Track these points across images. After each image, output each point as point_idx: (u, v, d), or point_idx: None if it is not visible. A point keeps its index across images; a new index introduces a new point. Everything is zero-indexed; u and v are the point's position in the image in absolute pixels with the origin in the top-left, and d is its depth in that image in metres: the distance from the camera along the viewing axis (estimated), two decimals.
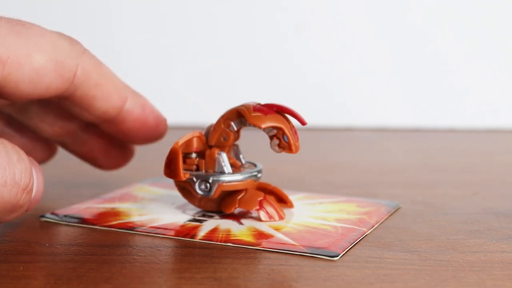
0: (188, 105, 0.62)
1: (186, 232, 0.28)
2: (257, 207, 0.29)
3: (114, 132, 0.31)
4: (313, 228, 0.29)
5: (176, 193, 0.32)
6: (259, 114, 0.29)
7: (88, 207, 0.31)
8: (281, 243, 0.27)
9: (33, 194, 0.26)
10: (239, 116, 0.29)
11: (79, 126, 0.32)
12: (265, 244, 0.27)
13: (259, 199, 0.30)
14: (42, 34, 0.26)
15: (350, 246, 0.27)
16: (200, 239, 0.27)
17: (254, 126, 0.29)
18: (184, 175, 0.29)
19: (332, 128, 0.61)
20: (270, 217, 0.30)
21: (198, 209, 0.31)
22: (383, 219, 0.31)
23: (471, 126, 0.61)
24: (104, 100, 0.29)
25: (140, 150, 0.35)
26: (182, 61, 0.62)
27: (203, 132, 0.30)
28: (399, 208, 0.33)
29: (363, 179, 0.40)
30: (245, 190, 0.30)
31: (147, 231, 0.28)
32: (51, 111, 0.31)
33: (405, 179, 0.41)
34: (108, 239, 0.27)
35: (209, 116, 0.61)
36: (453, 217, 0.31)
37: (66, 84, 0.27)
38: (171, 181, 0.31)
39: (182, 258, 0.26)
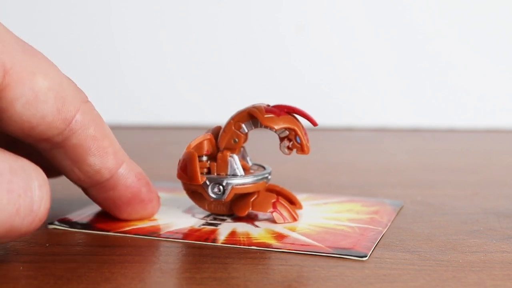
0: (188, 105, 0.62)
1: (205, 236, 0.28)
2: (271, 210, 0.29)
3: (102, 199, 0.28)
4: (330, 229, 0.29)
5: (179, 196, 0.31)
6: (272, 115, 0.29)
7: (93, 213, 0.30)
8: (305, 245, 0.27)
9: None
10: (251, 118, 0.29)
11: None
12: (289, 246, 0.27)
13: (272, 201, 0.29)
14: (50, 64, 0.25)
15: (374, 246, 0.27)
16: (222, 243, 0.27)
17: (267, 127, 0.29)
18: (201, 179, 0.29)
19: (332, 128, 0.61)
20: (284, 219, 0.29)
21: (207, 213, 0.31)
22: (393, 218, 0.31)
23: (471, 126, 0.61)
24: (99, 157, 0.27)
25: (137, 153, 0.35)
26: (182, 61, 0.62)
27: (209, 133, 0.30)
28: (402, 207, 0.33)
29: (363, 179, 0.40)
30: (257, 192, 0.30)
31: (165, 236, 0.28)
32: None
33: (405, 179, 0.41)
34: (108, 239, 0.27)
35: (209, 116, 0.61)
36: (453, 217, 0.31)
37: (62, 124, 0.25)
38: (171, 185, 0.30)
39: (182, 258, 0.26)
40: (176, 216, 0.30)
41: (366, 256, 0.26)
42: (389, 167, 0.45)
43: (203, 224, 0.29)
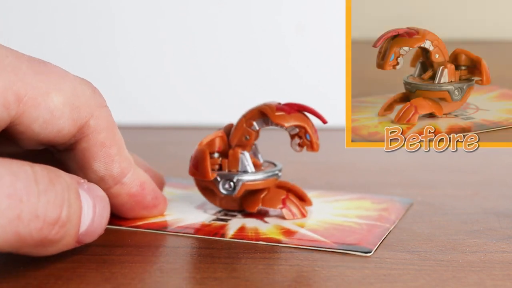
0: (188, 105, 0.62)
1: (214, 231, 0.28)
2: (281, 206, 0.30)
3: None
4: (338, 225, 0.29)
5: (192, 193, 0.32)
6: (283, 113, 0.29)
7: None
8: (311, 240, 0.27)
9: (82, 229, 0.24)
10: (262, 116, 0.30)
11: None
12: (296, 241, 0.27)
13: (282, 197, 0.30)
14: (63, 76, 0.25)
15: (380, 242, 0.27)
16: (230, 238, 0.28)
17: (278, 125, 0.29)
18: (212, 175, 0.29)
19: (332, 128, 0.61)
20: (293, 215, 0.30)
21: (219, 209, 0.31)
22: (402, 215, 0.31)
23: None
24: (104, 164, 0.27)
25: (136, 153, 0.35)
26: (181, 61, 0.62)
27: (222, 130, 0.31)
28: (412, 205, 0.33)
29: (363, 179, 0.40)
30: (268, 188, 0.30)
31: (175, 230, 0.28)
32: None
33: (405, 179, 0.41)
34: (108, 239, 0.27)
35: (208, 116, 0.61)
36: (453, 217, 0.31)
37: (74, 129, 0.25)
38: (185, 182, 0.31)
39: (182, 258, 0.26)
40: (187, 212, 0.31)
41: (370, 252, 0.26)
42: (389, 167, 0.45)
43: (214, 220, 0.30)
